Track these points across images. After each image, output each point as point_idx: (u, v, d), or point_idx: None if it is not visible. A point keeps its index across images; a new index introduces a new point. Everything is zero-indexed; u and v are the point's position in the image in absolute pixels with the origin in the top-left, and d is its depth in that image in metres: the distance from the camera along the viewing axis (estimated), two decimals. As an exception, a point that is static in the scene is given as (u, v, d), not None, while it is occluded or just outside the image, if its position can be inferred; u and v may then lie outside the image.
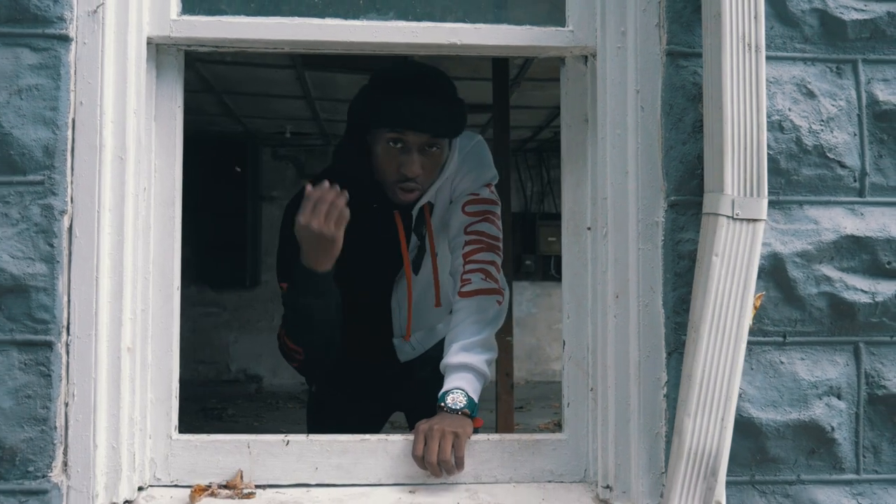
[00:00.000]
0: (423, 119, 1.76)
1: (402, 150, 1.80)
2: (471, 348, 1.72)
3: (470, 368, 1.69)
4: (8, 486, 1.30)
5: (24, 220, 1.32)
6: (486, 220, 1.90)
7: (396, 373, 2.20)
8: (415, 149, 1.79)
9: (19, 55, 1.33)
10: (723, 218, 1.31)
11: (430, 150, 1.82)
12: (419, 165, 1.80)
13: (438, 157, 1.85)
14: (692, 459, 1.29)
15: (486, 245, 1.87)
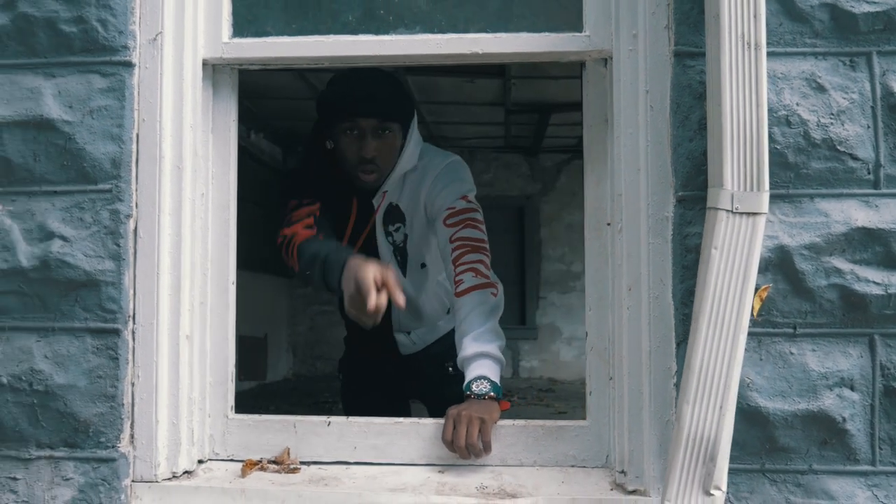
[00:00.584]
0: (370, 104, 2.00)
1: (358, 136, 2.02)
2: (481, 337, 1.81)
3: (486, 356, 1.78)
4: (83, 454, 1.50)
5: (95, 224, 1.52)
6: (468, 226, 2.00)
7: (399, 367, 2.36)
8: (369, 132, 2.01)
9: (91, 80, 1.53)
10: (722, 212, 1.35)
11: (382, 134, 2.03)
12: (374, 147, 2.01)
13: (392, 140, 2.05)
14: (691, 445, 1.34)
15: (472, 247, 1.97)
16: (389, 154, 2.07)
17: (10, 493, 1.50)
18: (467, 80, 6.35)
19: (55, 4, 1.53)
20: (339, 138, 2.06)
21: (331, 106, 2.06)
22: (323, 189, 2.10)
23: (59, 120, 1.52)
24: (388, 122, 2.04)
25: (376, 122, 2.02)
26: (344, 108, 2.02)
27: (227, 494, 1.51)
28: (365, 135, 2.02)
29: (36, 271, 1.51)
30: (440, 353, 2.35)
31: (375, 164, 2.04)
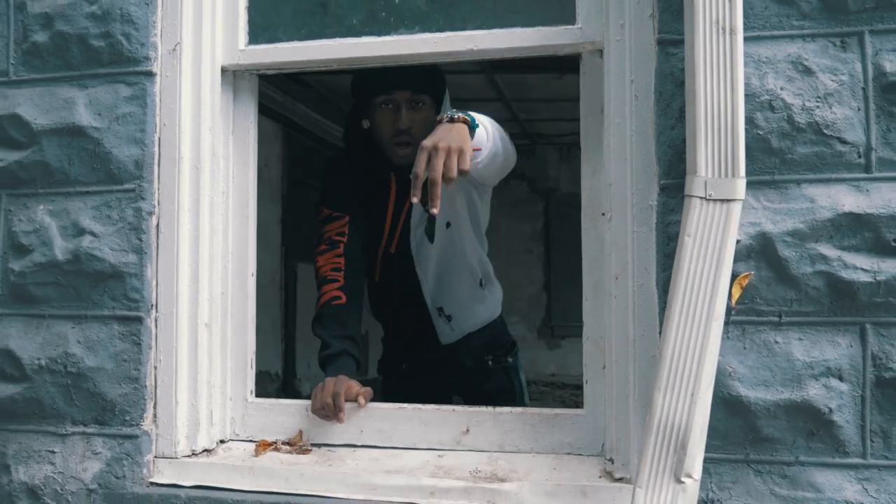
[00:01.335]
0: (403, 77, 2.06)
1: (393, 109, 2.10)
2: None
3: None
4: (110, 431, 1.65)
5: (120, 220, 1.66)
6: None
7: (440, 357, 2.38)
8: (403, 104, 2.09)
9: (117, 90, 1.68)
10: (696, 199, 1.35)
11: (416, 106, 2.11)
12: (409, 118, 2.09)
13: (425, 113, 2.12)
14: (662, 433, 1.33)
15: None
16: (423, 126, 2.09)
17: (48, 464, 1.67)
18: (555, 77, 6.33)
19: (86, 21, 1.68)
20: (375, 114, 2.14)
21: (366, 82, 2.15)
22: (360, 174, 2.18)
23: (90, 126, 1.67)
24: (421, 94, 2.11)
25: (410, 94, 2.09)
26: (378, 81, 2.10)
27: (237, 471, 1.62)
28: (400, 107, 2.10)
29: (69, 264, 1.67)
30: (480, 346, 2.40)
31: (410, 135, 2.09)
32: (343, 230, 2.11)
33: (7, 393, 1.69)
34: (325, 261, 2.08)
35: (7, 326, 1.70)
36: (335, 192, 2.19)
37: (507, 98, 6.72)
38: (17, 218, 1.71)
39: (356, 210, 2.16)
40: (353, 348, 1.95)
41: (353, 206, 2.15)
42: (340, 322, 1.99)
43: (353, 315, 2.04)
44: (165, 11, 1.69)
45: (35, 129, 1.70)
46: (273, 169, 6.49)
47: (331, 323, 1.98)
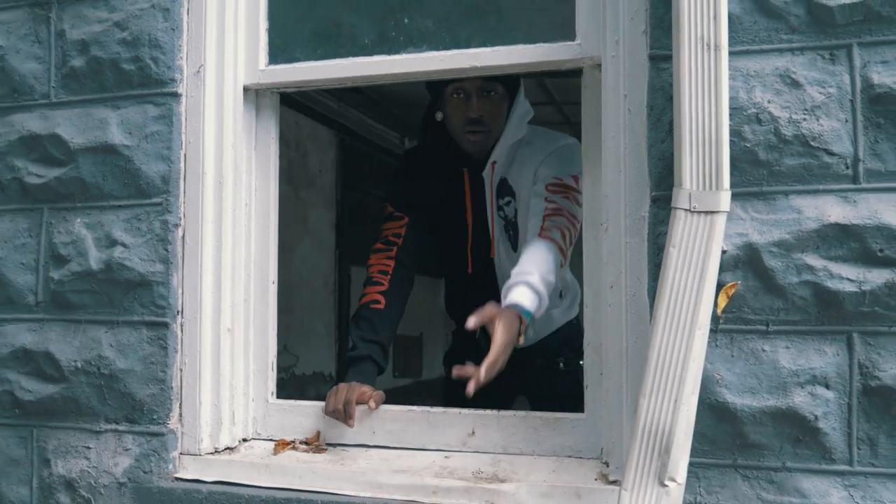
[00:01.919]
0: None
1: (464, 98, 2.14)
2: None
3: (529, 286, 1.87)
4: (139, 429, 1.77)
5: (149, 232, 1.78)
6: (568, 198, 2.07)
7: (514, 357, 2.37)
8: (474, 93, 2.13)
9: (146, 110, 1.80)
10: (680, 211, 1.39)
11: (488, 95, 2.14)
12: (480, 107, 2.13)
13: (497, 102, 2.16)
14: (647, 437, 1.38)
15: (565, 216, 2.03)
16: (495, 115, 2.18)
17: (84, 459, 1.79)
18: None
19: (117, 47, 1.81)
20: (448, 105, 2.19)
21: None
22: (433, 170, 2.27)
23: (121, 145, 1.80)
24: (492, 82, 2.14)
25: (481, 82, 2.13)
26: None
27: (255, 469, 1.72)
28: (471, 95, 2.14)
29: (103, 273, 1.80)
30: (554, 347, 2.41)
31: (482, 124, 2.15)
32: (400, 232, 2.20)
33: (47, 392, 1.83)
34: (377, 260, 2.18)
35: (48, 331, 1.84)
36: (401, 190, 2.28)
37: (557, 101, 6.75)
38: (56, 230, 1.84)
39: (418, 212, 2.23)
40: (378, 354, 2.04)
41: (416, 207, 2.23)
42: (373, 326, 2.08)
43: (388, 321, 2.11)
44: (190, 35, 1.80)
45: (72, 148, 1.83)
46: (327, 174, 6.65)
47: (365, 325, 2.07)
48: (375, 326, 2.07)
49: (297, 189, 6.01)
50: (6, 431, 1.86)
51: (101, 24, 1.82)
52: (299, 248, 5.90)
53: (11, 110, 1.89)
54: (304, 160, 6.23)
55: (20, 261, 1.87)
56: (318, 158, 6.46)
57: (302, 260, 5.88)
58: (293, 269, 5.76)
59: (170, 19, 1.78)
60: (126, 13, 1.81)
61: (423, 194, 2.25)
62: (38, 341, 1.84)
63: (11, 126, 1.89)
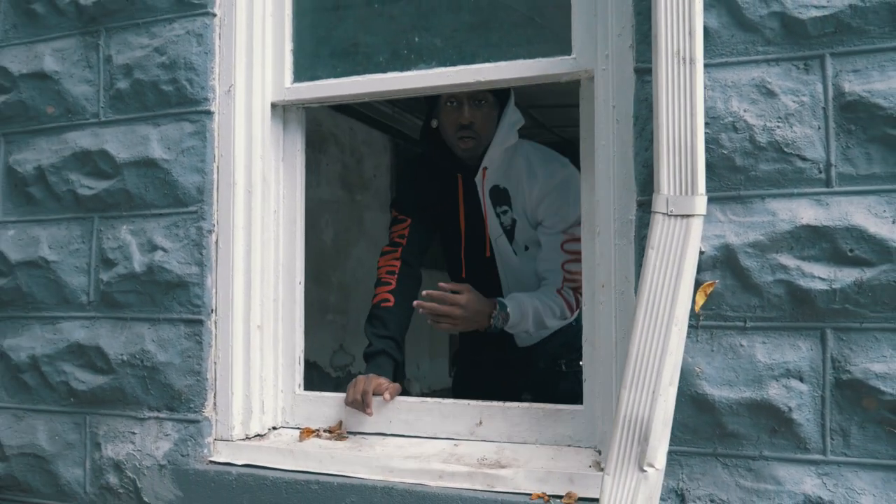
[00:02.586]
0: None
1: (457, 107, 2.28)
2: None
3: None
4: (178, 416, 1.95)
5: (185, 238, 1.96)
6: (577, 261, 2.20)
7: (516, 357, 2.53)
8: (465, 102, 2.27)
9: (183, 127, 1.98)
10: (658, 215, 1.48)
11: (479, 103, 2.28)
12: (470, 114, 2.27)
13: (487, 111, 2.30)
14: (628, 426, 1.48)
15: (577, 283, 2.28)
16: (485, 122, 2.31)
17: (130, 443, 1.98)
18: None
19: (157, 70, 1.99)
20: (442, 112, 2.34)
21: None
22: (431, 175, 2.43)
23: (160, 159, 1.98)
24: (483, 91, 2.25)
25: (472, 92, 2.23)
26: None
27: (280, 454, 1.88)
28: (462, 104, 2.28)
29: (145, 275, 1.98)
30: (555, 350, 2.53)
31: (473, 130, 2.29)
32: (403, 233, 2.38)
33: (98, 383, 2.02)
34: (385, 262, 2.36)
35: (99, 328, 2.04)
36: (403, 194, 2.46)
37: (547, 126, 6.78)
38: (105, 236, 2.04)
39: (420, 213, 2.40)
40: (393, 348, 2.19)
41: (417, 209, 2.40)
42: (385, 323, 2.24)
43: (398, 317, 2.27)
44: (222, 58, 1.97)
45: (118, 162, 2.02)
46: (381, 178, 6.84)
47: (377, 323, 2.24)
48: (387, 323, 2.24)
49: (352, 193, 6.21)
50: (63, 418, 2.07)
51: (142, 50, 2.01)
52: (355, 251, 6.10)
53: (66, 129, 2.10)
54: (360, 165, 6.42)
55: (74, 264, 2.07)
56: (373, 162, 6.65)
57: (358, 262, 6.07)
58: (349, 270, 5.96)
59: (203, 44, 1.96)
60: (164, 39, 1.99)
61: (423, 197, 2.42)
62: (90, 337, 2.04)
63: (66, 143, 2.09)
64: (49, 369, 2.08)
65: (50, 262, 2.09)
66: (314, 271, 5.67)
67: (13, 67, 2.17)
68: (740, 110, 1.51)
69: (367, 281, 6.32)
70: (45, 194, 2.12)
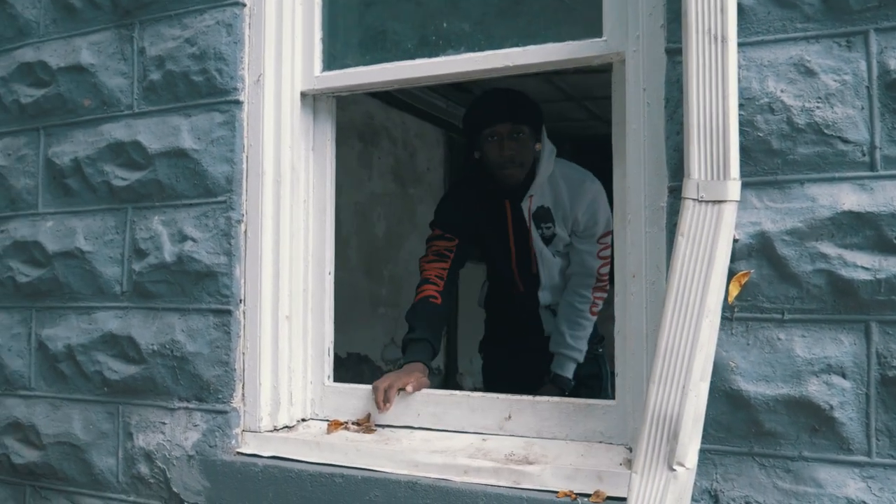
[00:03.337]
0: (503, 111, 2.48)
1: (497, 141, 2.48)
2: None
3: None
4: (206, 406, 1.94)
5: (215, 228, 1.95)
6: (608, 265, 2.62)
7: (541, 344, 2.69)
8: (505, 136, 2.47)
9: (213, 117, 1.97)
10: (689, 201, 1.41)
11: (517, 136, 2.48)
12: (511, 147, 2.47)
13: (526, 142, 2.50)
14: (656, 423, 1.41)
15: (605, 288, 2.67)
16: (525, 153, 2.52)
17: (160, 433, 1.99)
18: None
19: (188, 61, 1.99)
20: (483, 146, 2.54)
21: (472, 119, 2.60)
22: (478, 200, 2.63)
23: (191, 149, 1.98)
24: (520, 124, 2.49)
25: (510, 126, 2.48)
26: (483, 117, 2.53)
27: (306, 445, 1.86)
28: (502, 138, 2.48)
29: (175, 265, 1.99)
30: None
31: (514, 162, 2.49)
32: (452, 248, 2.51)
33: (130, 373, 2.04)
34: (433, 268, 2.47)
35: (131, 317, 2.05)
36: (449, 217, 2.61)
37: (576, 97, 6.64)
38: (138, 227, 2.05)
39: (464, 235, 2.55)
40: (434, 339, 2.24)
41: (463, 231, 2.54)
42: (429, 317, 2.31)
43: (441, 317, 2.38)
44: (251, 47, 1.97)
45: (150, 153, 2.03)
46: (435, 172, 6.83)
47: (422, 314, 2.32)
48: (431, 318, 2.30)
49: (404, 186, 6.22)
50: (97, 407, 2.09)
51: (174, 41, 2.02)
52: (407, 244, 6.10)
53: (102, 121, 2.12)
54: (412, 158, 6.42)
55: (108, 255, 2.09)
56: (426, 156, 6.64)
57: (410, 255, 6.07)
58: (401, 264, 5.96)
59: (233, 34, 1.95)
60: (195, 30, 1.99)
61: (468, 220, 2.58)
62: (122, 327, 2.06)
63: (101, 135, 2.11)
64: (84, 359, 2.10)
65: (85, 252, 2.12)
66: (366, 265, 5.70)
67: (52, 61, 2.20)
68: (777, 90, 1.43)
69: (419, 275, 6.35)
70: (82, 186, 2.14)
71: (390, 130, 6.14)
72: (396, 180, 6.12)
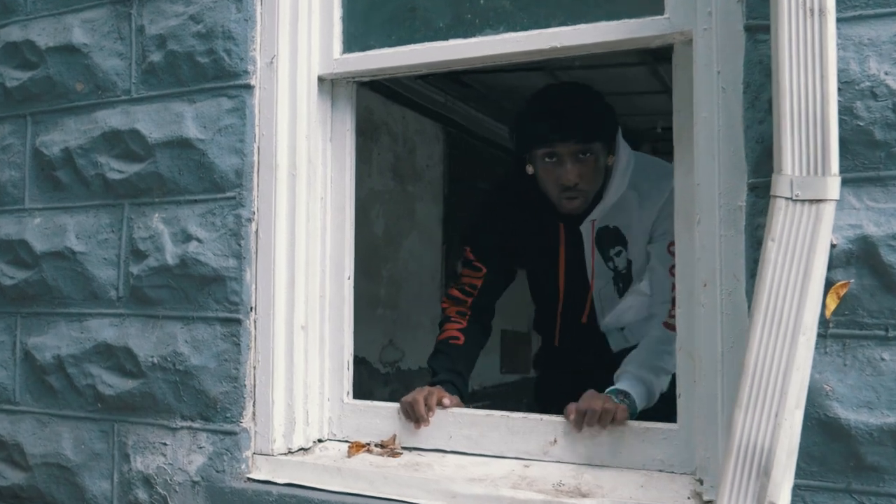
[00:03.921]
0: (567, 129, 1.85)
1: (557, 164, 1.90)
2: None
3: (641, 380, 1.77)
4: (213, 427, 1.74)
5: (222, 227, 1.75)
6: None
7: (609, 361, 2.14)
8: (568, 159, 1.88)
9: (220, 103, 1.77)
10: (781, 200, 1.22)
11: (583, 158, 1.89)
12: (575, 174, 1.88)
13: (594, 164, 1.91)
14: (743, 455, 1.22)
15: None
16: (593, 177, 1.94)
17: (161, 455, 1.79)
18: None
19: (192, 40, 1.79)
20: (539, 168, 1.95)
21: (525, 131, 1.95)
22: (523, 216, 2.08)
23: (196, 139, 1.77)
24: (589, 143, 1.89)
25: (574, 146, 1.88)
26: (539, 133, 1.90)
27: (327, 472, 1.66)
28: (564, 161, 1.89)
29: (178, 268, 1.78)
30: None
31: (578, 191, 1.92)
32: (476, 284, 2.11)
33: (127, 388, 1.83)
34: (453, 305, 2.13)
35: (128, 326, 1.84)
36: (484, 236, 2.13)
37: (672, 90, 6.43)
38: (136, 225, 1.84)
39: (498, 263, 2.12)
40: (459, 381, 1.97)
41: (497, 258, 2.11)
42: (452, 359, 2.03)
43: (467, 357, 2.07)
44: (263, 26, 1.76)
45: (150, 143, 1.82)
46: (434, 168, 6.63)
47: (444, 358, 2.04)
48: (454, 359, 2.03)
49: (404, 183, 6.02)
50: (90, 425, 1.88)
51: (177, 18, 1.81)
52: (406, 243, 5.91)
53: (96, 107, 1.91)
54: (412, 155, 6.22)
55: (103, 256, 1.88)
56: (426, 153, 6.44)
57: (409, 254, 5.88)
58: (400, 263, 5.76)
59: (243, 10, 1.75)
60: (200, 6, 1.78)
61: (506, 245, 2.10)
62: (118, 336, 1.85)
63: (95, 123, 1.90)
64: (75, 371, 1.90)
65: (77, 253, 1.91)
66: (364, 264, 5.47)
67: (40, 41, 1.99)
68: (880, 73, 1.24)
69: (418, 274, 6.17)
70: (73, 179, 1.93)
71: (390, 126, 5.94)
72: (396, 177, 5.93)
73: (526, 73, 6.39)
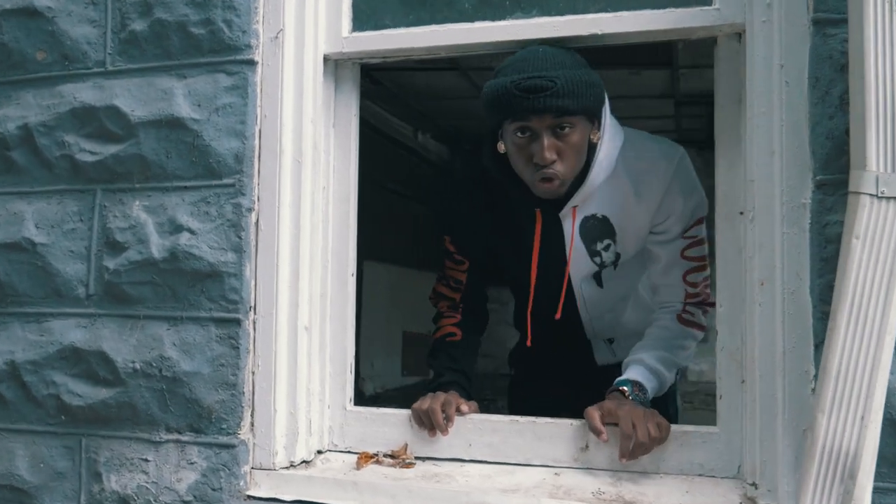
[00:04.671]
0: (541, 98, 1.56)
1: (530, 139, 1.63)
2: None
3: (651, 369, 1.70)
4: (206, 440, 1.56)
5: (219, 217, 1.57)
6: (702, 269, 1.82)
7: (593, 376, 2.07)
8: (543, 133, 1.61)
9: (217, 79, 1.59)
10: (865, 196, 1.19)
11: (561, 132, 1.61)
12: (551, 150, 1.61)
13: (574, 138, 1.63)
14: (827, 460, 1.18)
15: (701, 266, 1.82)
16: (573, 154, 1.65)
17: (141, 473, 1.59)
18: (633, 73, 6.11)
19: (185, 8, 1.61)
20: (509, 142, 1.68)
21: (492, 102, 1.63)
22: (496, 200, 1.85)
23: (188, 118, 1.59)
24: (568, 116, 1.60)
25: (552, 119, 1.59)
26: (508, 105, 1.60)
27: (339, 486, 1.51)
28: (539, 136, 1.61)
29: (166, 263, 1.59)
30: None
31: (555, 171, 1.64)
32: (462, 277, 1.97)
33: (100, 397, 1.62)
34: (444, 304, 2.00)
35: (101, 327, 1.63)
36: (461, 225, 1.93)
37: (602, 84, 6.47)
38: (112, 214, 1.64)
39: (479, 254, 1.96)
40: (464, 381, 1.86)
41: (477, 249, 1.95)
42: (453, 357, 1.91)
43: (467, 351, 1.96)
44: (267, -3, 1.60)
45: (132, 121, 1.62)
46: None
47: (444, 357, 1.92)
48: (455, 357, 1.91)
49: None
50: (51, 441, 1.65)
51: (166, -17, 1.62)
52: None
53: (61, 80, 1.69)
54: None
55: (69, 248, 1.66)
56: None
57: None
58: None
59: (245, -23, 1.58)
60: (195, -30, 1.60)
61: (483, 234, 1.91)
62: (89, 339, 1.63)
63: (61, 97, 1.68)
64: (33, 379, 1.66)
65: (37, 244, 1.67)
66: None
67: (-10, 3, 1.74)
68: (955, 71, 1.24)
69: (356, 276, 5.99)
70: (32, 160, 1.69)
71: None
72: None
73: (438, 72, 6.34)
